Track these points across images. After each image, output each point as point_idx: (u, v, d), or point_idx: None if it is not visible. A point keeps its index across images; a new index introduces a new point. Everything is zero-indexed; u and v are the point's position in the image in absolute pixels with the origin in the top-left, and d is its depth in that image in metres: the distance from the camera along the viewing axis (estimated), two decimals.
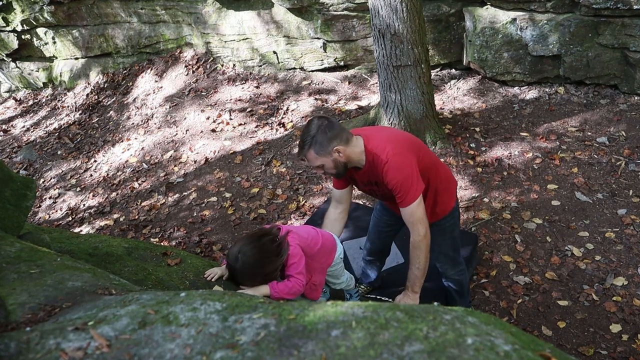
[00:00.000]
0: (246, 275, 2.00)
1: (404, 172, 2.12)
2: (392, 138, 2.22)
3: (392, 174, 2.13)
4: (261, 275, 2.02)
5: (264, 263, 2.00)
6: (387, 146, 2.16)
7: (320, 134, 2.09)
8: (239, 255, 1.98)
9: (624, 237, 3.54)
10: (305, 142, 2.12)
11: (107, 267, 2.01)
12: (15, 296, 1.24)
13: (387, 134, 2.27)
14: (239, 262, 1.98)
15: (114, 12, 6.94)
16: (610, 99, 4.91)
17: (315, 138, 2.09)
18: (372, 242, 2.90)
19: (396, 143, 2.19)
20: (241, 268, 1.98)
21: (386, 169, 2.13)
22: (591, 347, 2.88)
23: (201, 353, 0.84)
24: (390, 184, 2.15)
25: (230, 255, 2.03)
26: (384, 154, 2.13)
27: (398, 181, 2.12)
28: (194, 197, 4.81)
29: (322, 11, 5.60)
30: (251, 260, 1.98)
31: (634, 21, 4.48)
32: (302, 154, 2.15)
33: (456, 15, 5.35)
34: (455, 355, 0.73)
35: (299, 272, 2.10)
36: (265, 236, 2.05)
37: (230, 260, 2.02)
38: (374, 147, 2.17)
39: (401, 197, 2.15)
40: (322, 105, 5.67)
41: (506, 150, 4.53)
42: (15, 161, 6.39)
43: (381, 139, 2.19)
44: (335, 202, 2.50)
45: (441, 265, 2.69)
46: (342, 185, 2.43)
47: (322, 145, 2.10)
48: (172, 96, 6.45)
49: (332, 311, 0.91)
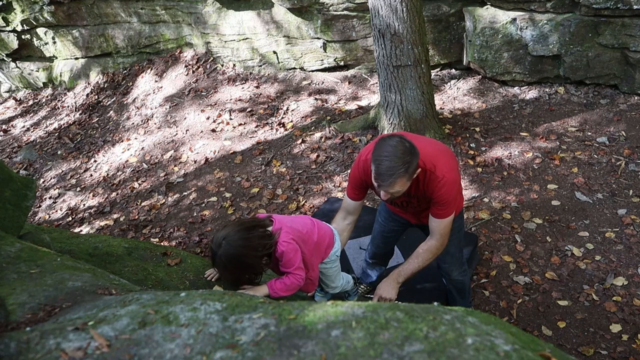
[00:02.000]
0: (224, 265, 1.87)
1: (456, 188, 2.12)
2: (441, 150, 2.15)
3: (446, 190, 2.08)
4: (240, 269, 1.89)
5: (246, 257, 1.87)
6: (440, 160, 2.09)
7: (414, 158, 1.92)
8: (223, 242, 1.85)
9: (624, 237, 3.54)
10: (398, 168, 1.88)
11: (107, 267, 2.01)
12: (15, 296, 1.24)
13: (432, 145, 2.18)
14: (221, 249, 1.85)
15: (114, 12, 6.94)
16: (610, 99, 4.91)
17: (411, 164, 1.90)
18: (377, 246, 2.87)
19: (447, 156, 2.14)
20: (222, 256, 1.85)
21: (441, 185, 2.07)
22: (591, 347, 2.88)
23: (201, 353, 0.84)
24: (440, 198, 2.10)
25: (214, 239, 1.89)
26: (439, 169, 2.07)
27: (449, 197, 2.10)
28: (194, 197, 4.81)
29: (322, 11, 5.60)
30: (233, 251, 1.84)
31: (634, 21, 4.48)
32: (393, 180, 1.90)
33: (456, 15, 5.35)
34: (455, 355, 0.73)
35: (296, 267, 2.02)
36: (256, 228, 1.95)
37: (213, 245, 1.88)
38: (425, 162, 2.06)
39: (442, 210, 2.14)
40: (322, 105, 5.67)
41: (506, 150, 4.53)
42: (15, 161, 6.39)
43: (430, 152, 2.10)
44: (344, 213, 2.38)
45: (447, 266, 2.67)
46: (359, 197, 2.31)
47: (414, 170, 1.95)
48: (172, 96, 6.45)
49: (332, 311, 0.91)
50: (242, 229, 1.91)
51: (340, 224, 2.38)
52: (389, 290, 2.20)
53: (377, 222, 2.81)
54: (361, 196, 2.31)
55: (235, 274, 1.92)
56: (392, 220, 2.67)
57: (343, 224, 2.38)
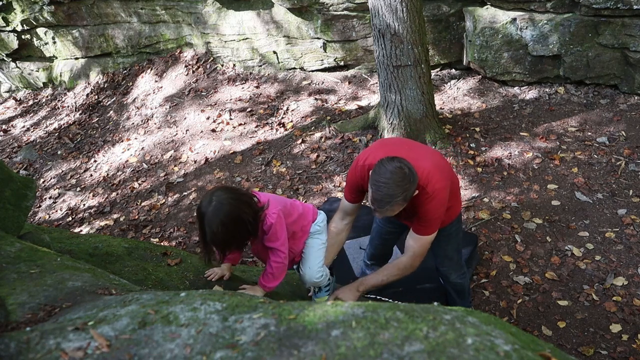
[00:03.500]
0: (215, 225, 1.75)
1: (442, 208, 2.09)
2: (438, 166, 2.11)
3: (432, 206, 2.06)
4: (230, 229, 1.79)
5: (238, 214, 1.79)
6: (434, 177, 2.05)
7: (413, 186, 1.92)
8: (213, 198, 1.76)
9: (624, 237, 3.54)
10: (397, 196, 1.88)
11: (107, 267, 2.01)
12: (15, 296, 1.24)
13: (431, 159, 2.13)
14: (210, 207, 1.74)
15: (114, 12, 6.94)
16: (610, 99, 4.91)
17: (409, 191, 1.91)
18: (376, 248, 2.88)
19: (440, 170, 2.10)
20: (212, 214, 1.74)
21: (429, 200, 2.05)
22: (591, 347, 2.88)
23: (201, 353, 0.84)
24: (424, 214, 2.08)
25: (202, 200, 1.79)
26: (431, 186, 2.04)
27: (433, 214, 2.08)
28: (194, 197, 4.81)
29: (322, 11, 5.59)
30: (226, 208, 1.75)
31: (634, 21, 4.48)
32: (390, 207, 1.91)
33: (456, 15, 5.35)
34: (455, 355, 0.73)
35: (281, 242, 1.98)
36: (242, 190, 1.93)
37: (202, 205, 1.78)
38: (420, 178, 2.02)
39: (423, 227, 2.12)
40: (322, 105, 5.67)
41: (506, 150, 4.53)
42: (15, 161, 6.39)
43: (426, 168, 2.06)
44: (343, 214, 2.37)
45: (445, 269, 2.68)
46: (356, 200, 2.31)
47: (410, 195, 1.94)
48: (172, 96, 6.45)
49: (332, 311, 0.91)
50: (230, 187, 1.89)
51: (338, 224, 2.38)
52: (347, 296, 2.19)
53: (375, 224, 2.81)
54: (358, 199, 2.32)
55: (225, 235, 1.79)
56: (390, 222, 2.67)
57: (341, 225, 2.38)
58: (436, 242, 2.58)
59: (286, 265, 2.03)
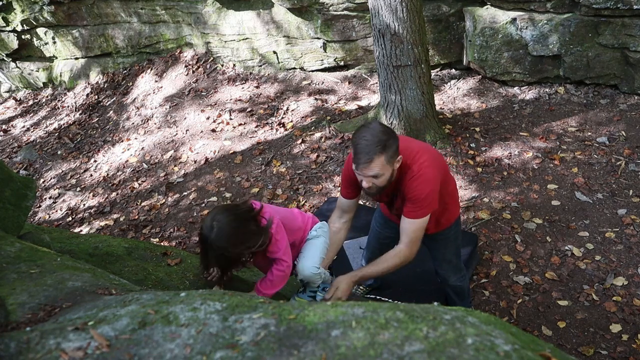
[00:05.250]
0: (222, 247, 1.79)
1: (429, 187, 2.02)
2: (428, 150, 2.11)
3: (419, 184, 2.01)
4: (241, 245, 1.83)
5: (242, 232, 1.82)
6: (422, 156, 2.04)
7: (392, 140, 1.91)
8: (213, 224, 1.79)
9: (624, 237, 3.54)
10: (374, 145, 1.87)
11: (107, 267, 2.01)
12: (15, 296, 1.24)
13: (420, 145, 2.15)
14: (213, 231, 1.78)
15: (114, 12, 6.94)
16: (610, 99, 4.91)
17: (387, 143, 1.89)
18: (373, 252, 2.84)
19: (431, 155, 2.09)
20: (217, 238, 1.78)
21: (415, 178, 2.01)
22: (591, 347, 2.88)
23: (201, 353, 0.84)
24: (412, 193, 2.03)
25: (204, 227, 1.83)
26: (418, 164, 2.02)
27: (421, 194, 2.02)
28: (194, 197, 4.81)
29: (322, 11, 5.59)
30: (227, 229, 1.78)
31: (634, 21, 4.48)
32: (369, 158, 1.88)
33: (456, 15, 5.35)
34: (455, 355, 0.73)
35: (283, 251, 1.98)
36: (241, 206, 1.92)
37: (204, 231, 1.82)
38: (406, 156, 2.03)
39: (414, 210, 2.05)
40: (322, 105, 5.67)
41: (506, 150, 4.53)
42: (15, 161, 6.39)
43: (414, 148, 2.08)
44: (340, 212, 2.34)
45: (444, 272, 2.67)
46: (352, 195, 2.28)
47: (392, 152, 1.92)
48: (172, 96, 6.45)
49: (332, 311, 0.91)
50: (228, 207, 1.89)
51: (336, 222, 2.35)
52: (343, 282, 2.10)
53: (372, 229, 2.79)
54: (354, 194, 2.28)
55: (236, 250, 1.84)
56: (388, 226, 2.65)
57: (339, 223, 2.35)
58: (435, 246, 2.58)
59: (287, 275, 2.01)
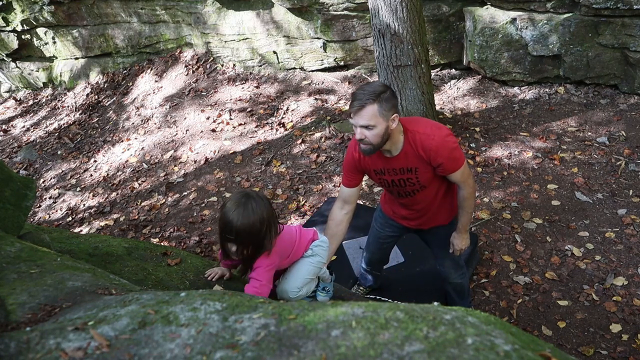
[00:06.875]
0: (248, 226, 1.73)
1: (452, 138, 2.14)
2: (437, 124, 2.20)
3: (444, 149, 2.09)
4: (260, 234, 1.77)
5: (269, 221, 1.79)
6: (428, 126, 2.14)
7: (388, 94, 2.00)
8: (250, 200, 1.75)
9: (624, 237, 3.54)
10: (369, 94, 1.98)
11: (107, 267, 2.01)
12: (15, 296, 1.24)
13: (425, 120, 2.27)
14: (249, 207, 1.72)
15: (114, 12, 6.94)
16: (610, 99, 4.91)
17: (382, 95, 1.98)
18: (372, 253, 2.85)
19: (443, 127, 2.18)
20: (248, 215, 1.72)
21: (435, 138, 2.09)
22: (591, 347, 2.88)
23: (201, 353, 0.84)
24: (441, 158, 2.10)
25: (233, 199, 1.76)
26: (429, 129, 2.11)
27: (449, 153, 2.11)
28: (194, 197, 4.81)
29: (322, 11, 5.59)
30: (260, 212, 1.75)
31: (634, 21, 4.48)
32: (361, 103, 1.98)
33: (456, 15, 5.35)
34: (455, 355, 0.73)
35: (264, 271, 1.88)
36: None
37: (232, 203, 1.75)
38: (418, 129, 2.12)
39: (452, 166, 2.15)
40: (322, 105, 5.67)
41: (506, 150, 4.53)
42: (15, 161, 6.39)
43: (426, 123, 2.18)
44: (341, 202, 2.34)
45: (445, 269, 2.67)
46: (353, 183, 2.31)
47: (387, 106, 1.99)
48: (172, 96, 6.45)
49: (332, 311, 0.91)
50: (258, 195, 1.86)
51: (337, 214, 2.34)
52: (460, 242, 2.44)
53: (372, 229, 2.77)
54: (356, 182, 2.31)
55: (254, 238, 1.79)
56: (388, 225, 2.65)
57: (341, 214, 2.33)
58: (436, 242, 2.58)
59: (261, 294, 1.86)
